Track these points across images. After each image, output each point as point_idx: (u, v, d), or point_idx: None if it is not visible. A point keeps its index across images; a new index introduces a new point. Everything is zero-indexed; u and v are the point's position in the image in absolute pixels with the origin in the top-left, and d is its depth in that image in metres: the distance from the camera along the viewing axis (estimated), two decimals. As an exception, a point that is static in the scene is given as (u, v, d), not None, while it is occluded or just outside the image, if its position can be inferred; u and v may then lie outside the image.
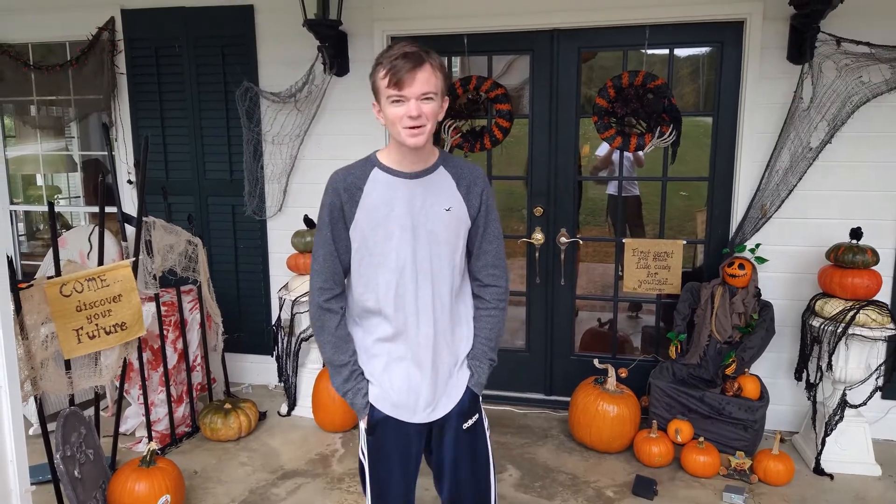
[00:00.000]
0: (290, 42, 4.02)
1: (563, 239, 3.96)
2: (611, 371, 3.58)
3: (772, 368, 3.72)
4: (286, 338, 3.97)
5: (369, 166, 1.91)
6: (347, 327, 1.99)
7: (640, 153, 3.91)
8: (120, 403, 3.36)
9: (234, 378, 4.41)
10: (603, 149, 4.84)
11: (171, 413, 3.67)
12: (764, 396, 3.45)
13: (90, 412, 3.19)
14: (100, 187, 3.13)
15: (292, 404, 4.08)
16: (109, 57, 4.28)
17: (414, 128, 1.77)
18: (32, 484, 2.06)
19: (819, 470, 3.33)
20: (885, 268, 3.40)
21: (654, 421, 3.49)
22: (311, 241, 3.63)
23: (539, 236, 3.98)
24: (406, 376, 1.94)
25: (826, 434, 3.32)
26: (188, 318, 3.82)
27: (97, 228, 3.24)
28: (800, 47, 3.41)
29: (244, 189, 4.24)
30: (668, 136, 3.65)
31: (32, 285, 2.77)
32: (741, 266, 3.53)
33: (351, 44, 4.00)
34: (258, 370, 4.51)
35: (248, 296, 4.45)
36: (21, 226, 5.18)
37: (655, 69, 3.71)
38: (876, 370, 3.27)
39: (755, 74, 3.54)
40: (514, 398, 4.18)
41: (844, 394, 3.31)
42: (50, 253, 3.88)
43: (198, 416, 3.83)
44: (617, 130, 3.73)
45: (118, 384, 3.31)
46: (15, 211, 4.96)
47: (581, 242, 4.05)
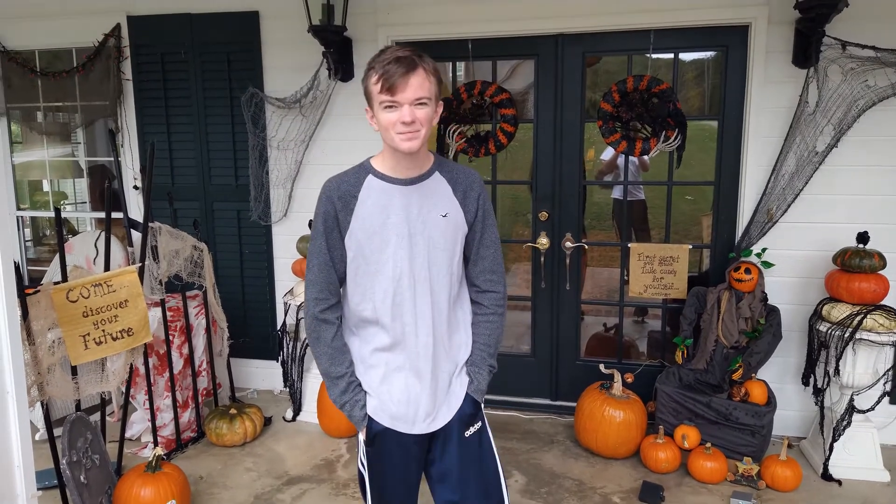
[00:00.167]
0: (296, 48, 4.04)
1: (569, 244, 3.95)
2: (617, 376, 3.57)
3: (779, 373, 3.70)
4: (291, 343, 3.97)
5: (363, 173, 1.87)
6: (344, 338, 1.95)
7: (646, 157, 3.91)
8: (126, 409, 3.37)
9: (240, 383, 4.41)
10: (608, 153, 4.83)
11: (177, 418, 3.67)
12: (771, 402, 3.43)
13: (96, 417, 3.19)
14: (106, 193, 3.13)
15: (297, 409, 4.07)
16: (115, 63, 4.30)
17: (407, 133, 1.73)
18: (39, 489, 2.06)
19: (827, 476, 3.31)
20: (893, 272, 3.38)
21: (661, 426, 3.48)
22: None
23: (544, 241, 3.97)
24: (405, 387, 1.89)
25: (834, 439, 3.30)
26: (194, 324, 3.83)
27: (103, 234, 3.25)
28: (805, 51, 3.40)
29: (249, 194, 4.25)
30: (674, 141, 3.65)
31: (39, 291, 2.78)
32: (747, 271, 3.51)
33: (356, 49, 4.01)
34: (263, 375, 4.51)
35: (254, 301, 4.46)
36: (27, 231, 5.21)
37: (660, 73, 3.71)
38: (884, 375, 3.25)
39: (760, 78, 3.54)
40: (520, 403, 4.17)
41: (852, 399, 3.29)
42: (56, 258, 3.90)
43: (203, 422, 3.84)
44: (622, 135, 3.73)
45: (124, 389, 3.32)
46: (21, 216, 4.98)
47: (586, 247, 4.05)
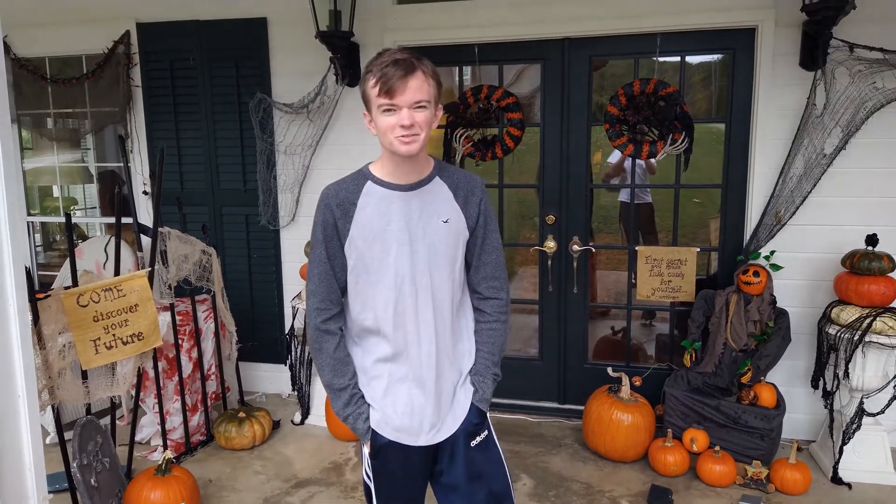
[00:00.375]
0: (303, 53, 4.06)
1: (576, 247, 3.95)
2: (625, 379, 3.56)
3: (788, 376, 3.69)
4: (299, 346, 3.98)
5: (362, 180, 1.83)
6: (347, 348, 1.91)
7: (653, 160, 3.90)
8: (135, 412, 3.39)
9: (248, 387, 4.43)
10: (615, 156, 4.82)
11: (186, 422, 3.69)
12: (780, 405, 3.42)
13: (106, 421, 3.21)
14: (116, 198, 3.16)
15: (306, 413, 4.08)
16: (125, 70, 4.34)
17: (406, 136, 1.69)
18: (50, 492, 2.07)
19: (837, 479, 3.29)
20: (902, 274, 3.37)
21: (669, 430, 3.47)
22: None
23: (551, 244, 3.97)
24: (408, 398, 1.85)
25: (843, 443, 3.28)
26: (203, 328, 3.85)
27: (113, 239, 3.28)
28: (812, 54, 3.39)
29: (258, 199, 4.27)
30: (681, 144, 3.64)
31: (50, 296, 2.80)
32: (756, 273, 3.50)
33: (363, 54, 4.03)
34: (272, 379, 4.52)
35: (262, 305, 4.47)
36: (38, 237, 5.24)
37: (667, 76, 3.71)
38: (894, 378, 3.23)
39: (768, 81, 3.53)
40: (528, 407, 4.17)
41: (862, 402, 3.27)
42: (67, 263, 3.92)
43: (212, 425, 3.85)
44: (629, 138, 3.73)
45: (134, 393, 3.34)
46: (32, 222, 5.02)
47: (594, 250, 4.05)
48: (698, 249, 3.79)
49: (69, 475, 2.82)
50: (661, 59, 3.73)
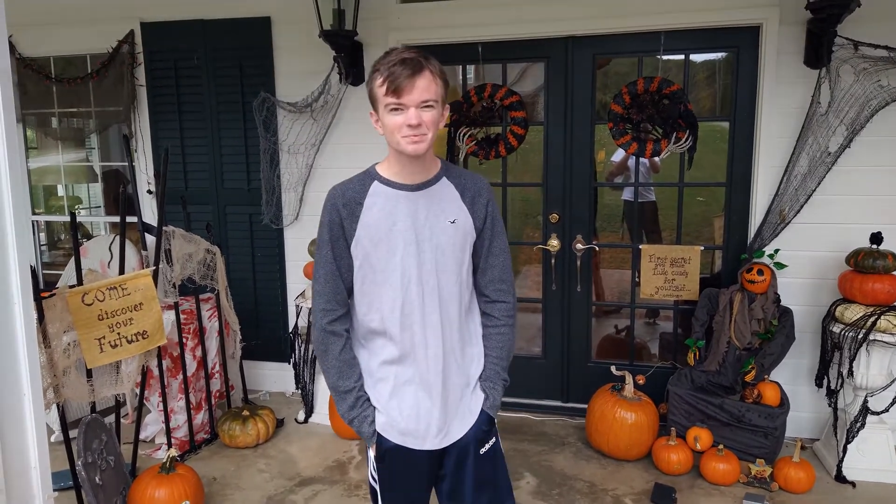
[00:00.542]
0: (307, 53, 4.06)
1: (579, 245, 3.95)
2: (628, 378, 3.56)
3: (792, 375, 3.68)
4: (303, 345, 3.99)
5: (368, 180, 1.82)
6: (352, 350, 1.89)
7: (657, 159, 3.89)
8: (140, 411, 3.40)
9: (252, 385, 4.44)
10: (618, 155, 4.82)
11: (190, 420, 3.70)
12: (784, 403, 3.41)
13: (111, 419, 3.22)
14: (121, 197, 3.16)
15: (309, 411, 4.09)
16: (129, 69, 4.35)
17: (413, 136, 1.69)
18: (55, 490, 2.08)
19: (841, 478, 3.28)
20: (907, 273, 3.36)
21: (673, 428, 3.46)
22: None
23: (555, 243, 3.97)
24: (415, 401, 1.83)
25: (847, 441, 3.28)
26: (207, 326, 3.86)
27: (118, 238, 3.28)
28: (817, 52, 3.38)
29: (261, 198, 4.28)
30: (685, 142, 3.64)
31: (55, 294, 2.81)
32: (760, 272, 3.50)
33: (366, 54, 4.03)
34: (275, 377, 4.53)
35: (266, 304, 4.48)
36: (42, 235, 5.26)
37: (671, 74, 3.70)
38: (898, 376, 3.23)
39: (772, 79, 3.52)
40: (531, 405, 4.17)
41: (866, 400, 3.27)
42: (71, 262, 3.93)
43: (216, 423, 3.86)
44: (632, 136, 3.72)
45: (138, 392, 3.35)
46: (37, 221, 5.04)
47: (597, 249, 4.04)
48: (702, 248, 3.79)
49: (74, 473, 2.83)
50: (665, 58, 3.72)
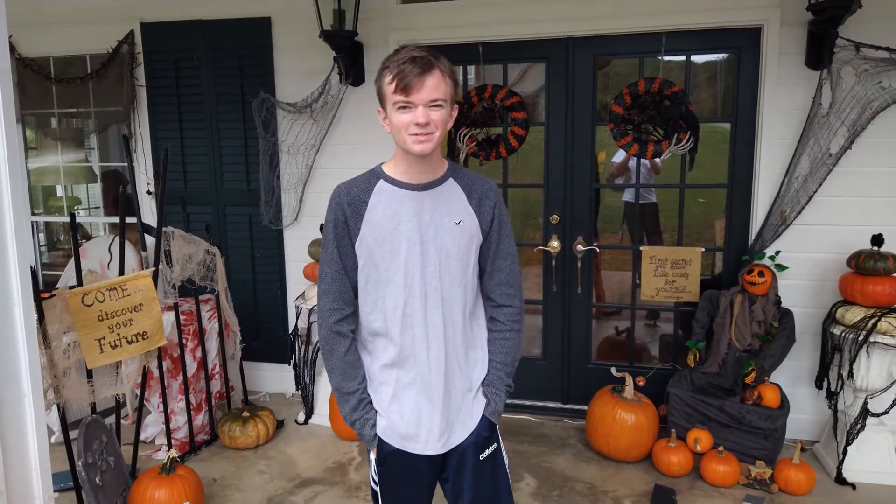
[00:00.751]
0: (307, 53, 4.06)
1: (580, 247, 3.94)
2: (628, 379, 3.56)
3: (792, 377, 3.68)
4: (303, 346, 3.98)
5: (374, 178, 1.81)
6: (357, 352, 1.88)
7: (657, 160, 3.89)
8: (140, 411, 3.40)
9: (252, 386, 4.43)
10: (619, 156, 4.82)
11: (191, 421, 3.69)
12: (784, 405, 3.41)
13: (111, 420, 3.22)
14: (120, 198, 3.15)
15: (309, 412, 4.09)
16: (129, 69, 4.34)
17: (421, 135, 1.67)
18: (55, 491, 2.07)
19: (841, 479, 3.28)
20: (908, 274, 3.36)
21: (673, 430, 3.46)
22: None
23: (555, 244, 3.97)
24: (415, 405, 1.82)
25: (847, 443, 3.28)
26: (207, 327, 3.85)
27: (117, 238, 3.28)
28: (818, 53, 3.38)
29: (261, 199, 4.27)
30: (686, 143, 3.63)
31: (55, 295, 2.80)
32: (761, 273, 3.49)
33: (366, 54, 4.03)
34: (275, 378, 4.52)
35: (266, 304, 4.48)
36: (42, 236, 5.25)
37: (672, 75, 3.70)
38: (899, 378, 3.23)
39: (773, 80, 3.52)
40: (532, 406, 4.17)
41: (866, 402, 3.26)
42: (71, 263, 3.93)
43: (216, 425, 3.86)
44: (634, 137, 3.72)
45: (138, 392, 3.34)
46: (36, 222, 5.03)
47: (598, 250, 4.04)
48: (703, 249, 3.78)
49: (74, 474, 2.82)
50: (666, 59, 3.72)
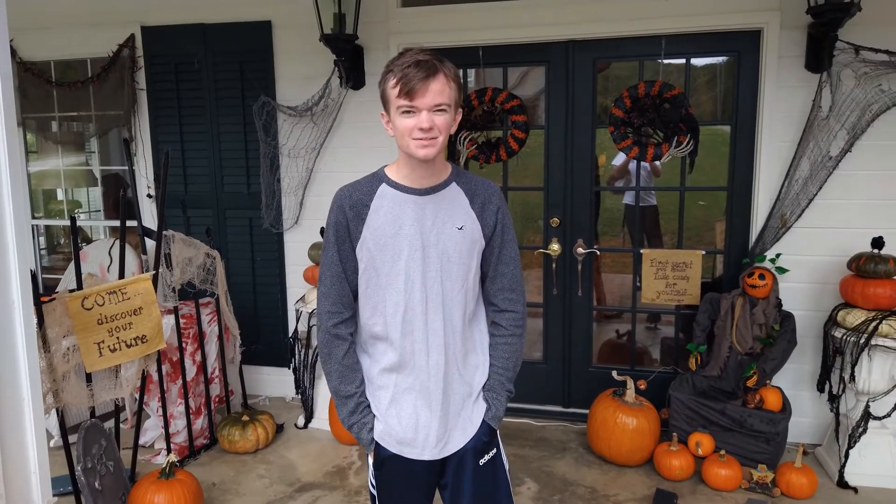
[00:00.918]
0: (307, 57, 4.06)
1: (580, 250, 3.94)
2: (629, 383, 3.55)
3: (794, 380, 3.67)
4: (303, 350, 3.98)
5: (376, 182, 1.79)
6: (356, 355, 1.87)
7: (658, 163, 3.89)
8: (139, 416, 3.39)
9: (252, 390, 4.42)
10: (619, 159, 4.82)
11: (190, 425, 3.68)
12: (786, 408, 3.40)
13: (110, 424, 3.21)
14: (121, 201, 3.15)
15: (309, 416, 4.08)
16: (129, 73, 4.35)
17: (424, 139, 1.66)
18: (54, 495, 2.07)
19: (843, 483, 3.27)
20: (909, 277, 3.35)
21: (675, 433, 3.45)
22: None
23: (556, 247, 3.97)
24: (413, 410, 1.81)
25: (850, 446, 3.27)
26: (206, 331, 3.85)
27: (117, 242, 3.28)
28: (818, 56, 3.38)
29: (261, 202, 4.27)
30: (686, 146, 3.63)
31: (55, 299, 2.80)
32: (762, 276, 3.49)
33: (367, 57, 4.03)
34: (275, 382, 4.51)
35: (266, 308, 4.47)
36: (42, 240, 5.25)
37: (672, 78, 3.70)
38: (900, 381, 3.22)
39: (773, 83, 3.52)
40: (532, 410, 4.16)
41: (868, 405, 3.26)
42: (71, 266, 3.92)
43: (216, 429, 3.85)
44: (633, 140, 3.72)
45: (137, 397, 3.33)
46: (36, 225, 5.03)
47: (598, 253, 4.04)
48: (703, 252, 3.78)
49: (73, 479, 2.82)
50: (666, 62, 3.72)
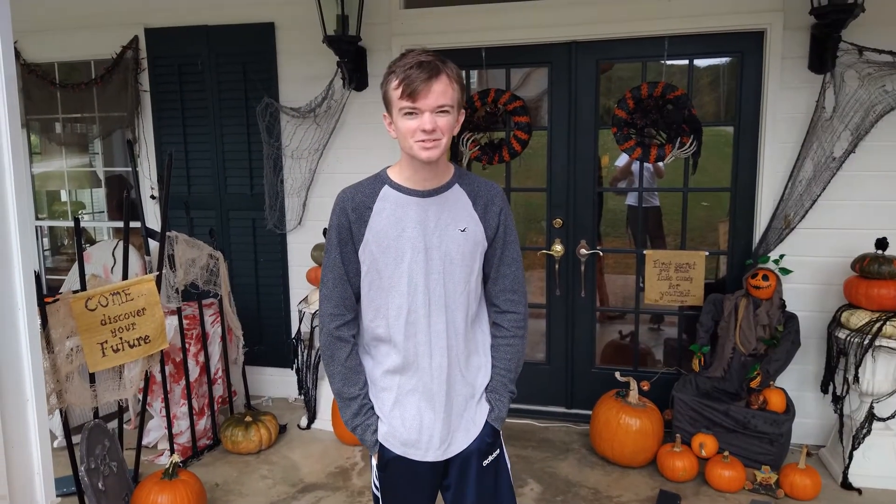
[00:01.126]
0: (310, 58, 4.07)
1: (583, 251, 3.94)
2: (633, 384, 3.55)
3: (797, 381, 3.66)
4: (306, 351, 3.98)
5: (379, 184, 1.79)
6: (359, 357, 1.87)
7: (661, 164, 3.89)
8: (143, 416, 3.39)
9: (255, 391, 4.43)
10: (622, 160, 4.82)
11: (193, 426, 3.69)
12: (790, 410, 3.40)
13: (114, 425, 3.21)
14: (124, 202, 3.16)
15: (312, 417, 4.08)
16: (133, 75, 4.35)
17: (427, 141, 1.65)
18: (58, 496, 2.07)
19: (847, 484, 3.26)
20: (913, 278, 3.34)
21: (678, 435, 3.45)
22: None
23: (559, 248, 3.97)
24: (417, 412, 1.81)
25: (853, 447, 3.26)
26: (210, 332, 3.85)
27: (121, 243, 3.28)
28: (821, 57, 3.38)
29: (264, 203, 4.27)
30: (689, 147, 3.63)
31: (59, 300, 2.81)
32: (765, 277, 3.48)
33: (370, 59, 4.03)
34: (278, 383, 4.52)
35: (269, 309, 4.48)
36: (46, 241, 5.27)
37: (675, 79, 3.70)
38: (905, 383, 3.21)
39: (776, 84, 3.52)
40: (535, 411, 4.15)
41: (872, 406, 3.25)
42: (75, 267, 3.94)
43: (219, 429, 3.85)
44: (637, 141, 3.72)
45: (141, 397, 3.34)
46: (40, 226, 5.04)
47: (601, 254, 4.04)
48: (707, 253, 3.78)
49: (77, 479, 2.82)
50: (669, 63, 3.72)
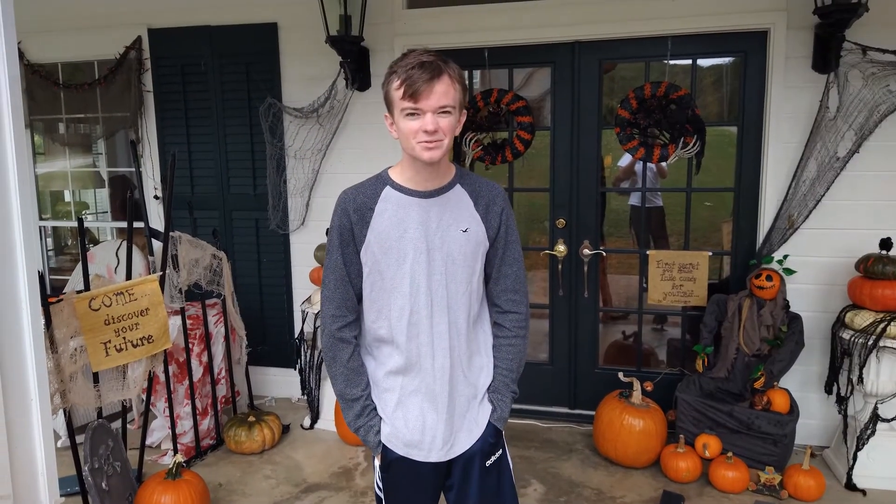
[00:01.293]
0: (313, 58, 4.07)
1: (587, 251, 3.94)
2: (636, 384, 3.54)
3: (801, 382, 3.65)
4: (309, 351, 3.98)
5: (380, 185, 1.78)
6: (361, 358, 1.86)
7: (664, 164, 3.88)
8: (146, 416, 3.40)
9: (258, 391, 4.43)
10: (625, 160, 4.81)
11: (196, 426, 3.69)
12: (794, 410, 3.39)
13: (117, 425, 3.22)
14: (128, 203, 3.17)
15: (315, 417, 4.08)
16: (136, 75, 4.36)
17: (429, 142, 1.64)
18: (62, 495, 2.08)
19: (851, 485, 3.25)
20: (917, 278, 3.33)
21: (682, 435, 3.44)
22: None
23: (562, 248, 3.96)
24: (420, 413, 1.81)
25: (858, 448, 3.25)
26: (213, 332, 3.85)
27: (124, 243, 3.29)
28: (825, 56, 3.37)
29: (268, 203, 4.28)
30: (692, 147, 3.62)
31: (62, 300, 2.81)
32: (769, 278, 3.48)
33: (372, 59, 4.03)
34: (281, 383, 4.52)
35: (272, 309, 4.48)
36: (49, 241, 5.27)
37: (678, 79, 3.69)
38: (909, 383, 3.20)
39: (780, 84, 3.51)
40: (538, 412, 4.15)
41: (876, 407, 3.24)
42: (78, 267, 3.94)
43: (222, 429, 3.85)
44: (640, 141, 3.71)
45: (144, 397, 3.34)
46: (44, 227, 5.05)
47: (604, 254, 4.03)
48: (710, 253, 3.77)
49: (80, 479, 2.83)
50: (672, 62, 3.71)
